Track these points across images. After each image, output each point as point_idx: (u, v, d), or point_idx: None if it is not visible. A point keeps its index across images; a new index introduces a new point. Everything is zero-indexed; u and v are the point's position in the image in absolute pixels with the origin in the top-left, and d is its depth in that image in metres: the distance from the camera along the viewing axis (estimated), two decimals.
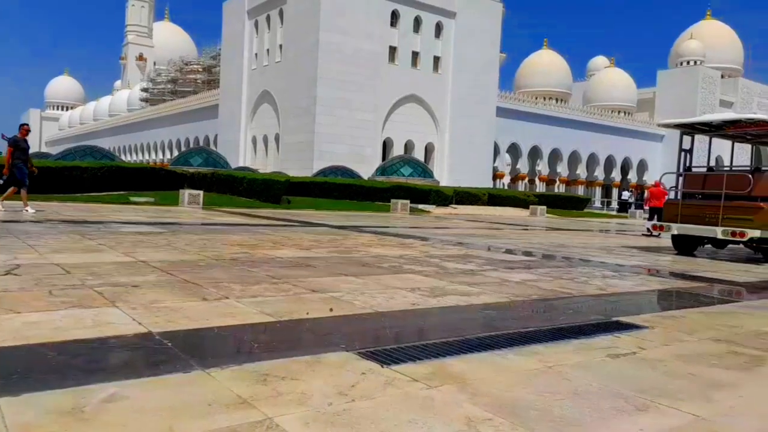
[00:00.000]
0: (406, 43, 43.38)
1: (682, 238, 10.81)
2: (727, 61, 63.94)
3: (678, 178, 11.22)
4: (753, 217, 9.57)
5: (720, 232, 9.77)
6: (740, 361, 3.33)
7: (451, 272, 6.36)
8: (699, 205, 10.43)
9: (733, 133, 11.41)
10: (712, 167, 11.67)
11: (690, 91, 57.40)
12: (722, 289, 6.69)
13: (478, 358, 3.10)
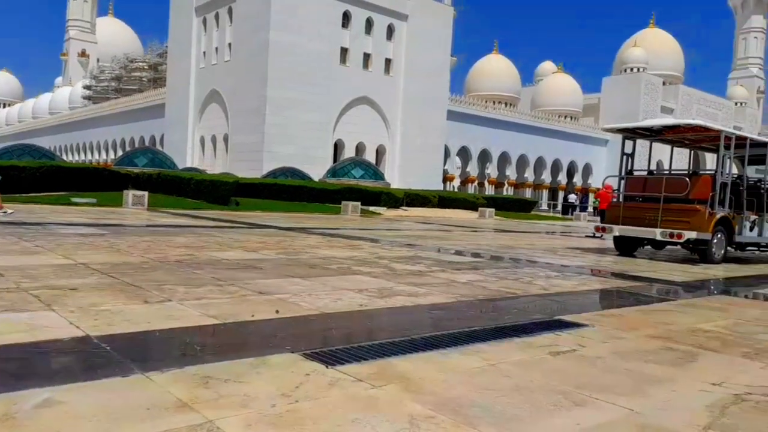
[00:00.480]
0: (358, 44, 43.37)
1: (623, 239, 11.07)
2: (669, 68, 66.57)
3: (620, 181, 11.48)
4: (690, 219, 9.90)
5: (659, 234, 10.04)
6: (674, 357, 3.48)
7: (400, 273, 6.40)
8: (639, 208, 10.70)
9: (672, 137, 11.91)
10: (652, 171, 12.03)
11: (633, 97, 59.40)
12: (660, 288, 6.96)
13: (423, 357, 3.13)
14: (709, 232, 9.86)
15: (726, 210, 10.18)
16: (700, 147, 12.91)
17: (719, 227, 10.10)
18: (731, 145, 10.53)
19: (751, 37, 78.14)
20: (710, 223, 9.87)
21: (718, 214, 9.98)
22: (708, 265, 9.94)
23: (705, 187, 10.13)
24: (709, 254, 10.08)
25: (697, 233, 9.76)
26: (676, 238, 9.87)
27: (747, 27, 78.57)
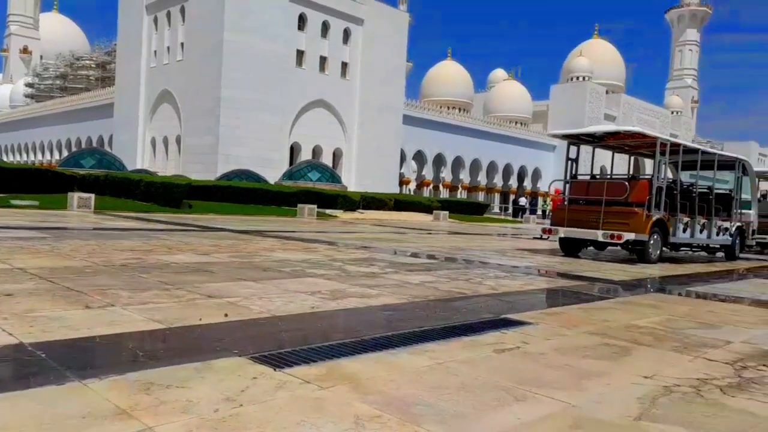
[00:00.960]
0: (314, 47, 43.19)
1: (568, 240, 11.44)
2: (612, 78, 69.03)
3: (565, 185, 11.87)
4: (628, 221, 10.31)
5: (600, 235, 10.45)
6: (610, 352, 3.62)
7: (353, 275, 6.42)
8: (583, 210, 11.07)
9: (613, 143, 12.42)
10: (595, 175, 12.45)
11: (579, 104, 61.35)
12: (600, 287, 7.20)
13: (372, 357, 3.16)
14: (646, 233, 10.28)
15: (661, 213, 10.62)
16: (638, 153, 13.48)
17: (655, 229, 10.53)
18: (666, 152, 11.01)
19: (687, 50, 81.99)
20: (647, 225, 10.28)
21: (654, 217, 10.40)
22: (645, 264, 10.34)
23: (642, 191, 10.54)
24: (646, 254, 10.50)
25: (635, 234, 10.18)
26: (616, 239, 10.28)
27: (683, 40, 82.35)
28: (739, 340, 4.17)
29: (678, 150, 11.53)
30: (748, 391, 2.92)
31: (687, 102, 78.57)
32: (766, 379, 3.16)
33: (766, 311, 5.79)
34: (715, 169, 12.42)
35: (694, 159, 11.94)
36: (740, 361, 3.54)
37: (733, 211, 12.82)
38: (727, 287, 7.98)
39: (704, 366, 3.38)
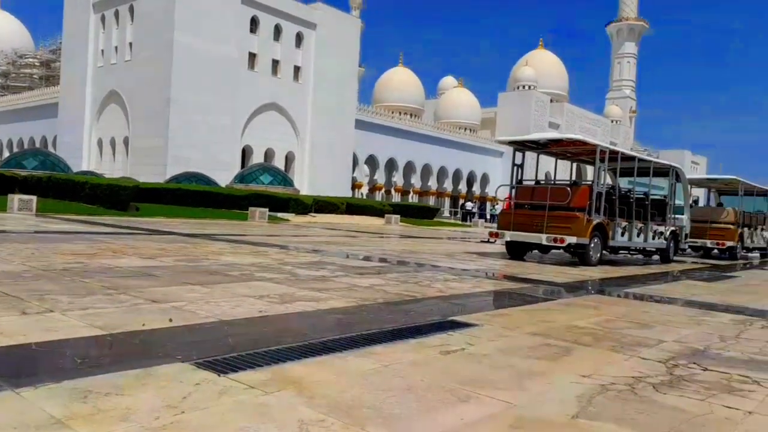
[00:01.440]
0: (267, 50, 42.81)
1: (513, 244, 11.67)
2: (556, 87, 71.34)
3: (511, 190, 12.13)
4: (570, 225, 10.65)
5: (544, 239, 10.73)
6: (552, 352, 3.73)
7: (303, 279, 6.39)
8: (528, 215, 11.32)
9: (556, 150, 12.85)
10: (539, 181, 12.86)
11: (525, 112, 63.15)
12: (543, 289, 7.39)
13: (319, 361, 3.16)
14: (587, 237, 10.62)
15: (601, 217, 11.01)
16: (580, 160, 14.03)
17: (596, 233, 10.89)
18: (606, 159, 11.45)
19: (625, 62, 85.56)
20: (588, 229, 10.63)
21: (594, 221, 10.77)
22: (586, 267, 10.67)
23: (583, 197, 10.92)
24: (587, 257, 10.84)
25: (577, 238, 10.50)
26: (559, 243, 10.60)
27: (621, 52, 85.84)
28: (671, 339, 4.37)
29: (617, 157, 12.01)
30: (678, 388, 3.06)
31: (626, 111, 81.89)
32: (695, 377, 3.32)
33: (696, 311, 6.08)
34: (651, 176, 13.03)
35: (632, 166, 12.47)
36: (672, 359, 3.71)
37: (667, 216, 13.43)
38: (662, 289, 8.31)
39: (638, 364, 3.52)
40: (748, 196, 18.26)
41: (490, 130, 65.42)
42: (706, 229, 16.40)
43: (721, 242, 16.33)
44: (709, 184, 20.66)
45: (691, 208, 15.78)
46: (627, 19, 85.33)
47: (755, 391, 3.10)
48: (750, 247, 18.05)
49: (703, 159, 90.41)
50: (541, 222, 10.87)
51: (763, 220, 19.19)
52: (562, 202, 10.88)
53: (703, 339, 4.45)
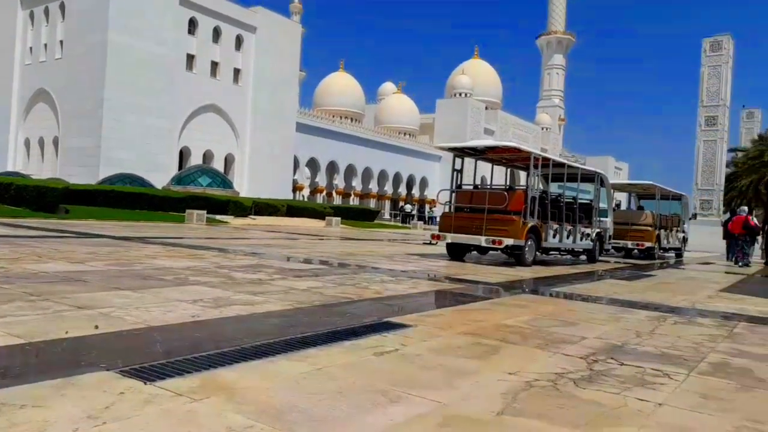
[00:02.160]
0: (205, 52, 41.98)
1: (454, 245, 12.06)
2: (490, 95, 73.61)
3: (451, 194, 12.53)
4: (507, 228, 11.14)
5: (483, 241, 11.21)
6: (481, 351, 3.83)
7: (239, 282, 6.30)
8: (468, 218, 11.78)
9: (492, 156, 13.49)
10: (477, 185, 13.35)
11: (462, 118, 64.87)
12: (478, 289, 7.59)
13: (251, 366, 3.13)
14: (522, 239, 11.15)
15: (535, 220, 11.58)
16: (514, 165, 14.75)
17: (531, 235, 11.45)
18: (539, 165, 12.14)
19: (554, 73, 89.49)
20: (524, 231, 11.17)
21: (529, 224, 11.33)
22: (521, 267, 11.14)
23: (519, 201, 11.46)
24: (522, 258, 11.36)
25: (514, 240, 11.02)
26: (497, 245, 11.07)
27: (551, 64, 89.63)
28: (593, 335, 4.58)
29: (548, 164, 12.76)
30: (596, 383, 3.22)
31: (555, 119, 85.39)
32: (612, 371, 3.50)
33: (617, 309, 6.40)
34: (579, 181, 13.89)
35: (561, 172, 13.30)
36: (592, 355, 3.89)
37: (593, 218, 14.25)
38: (587, 287, 8.69)
39: (561, 361, 3.68)
40: (664, 200, 19.60)
41: (428, 135, 66.63)
42: (627, 231, 17.41)
43: (640, 243, 17.36)
44: (629, 188, 21.94)
45: (614, 211, 16.73)
46: (556, 32, 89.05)
47: (666, 383, 3.30)
48: (666, 247, 19.25)
49: (625, 165, 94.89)
50: (481, 225, 11.29)
51: (677, 222, 20.52)
52: (499, 206, 11.35)
53: (622, 335, 4.68)
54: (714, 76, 36.89)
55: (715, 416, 2.81)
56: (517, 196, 11.54)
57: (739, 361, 4.02)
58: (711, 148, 37.59)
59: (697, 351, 4.25)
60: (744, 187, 48.23)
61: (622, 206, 21.80)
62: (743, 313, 6.66)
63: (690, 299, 7.79)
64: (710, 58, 36.97)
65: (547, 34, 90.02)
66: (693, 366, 3.78)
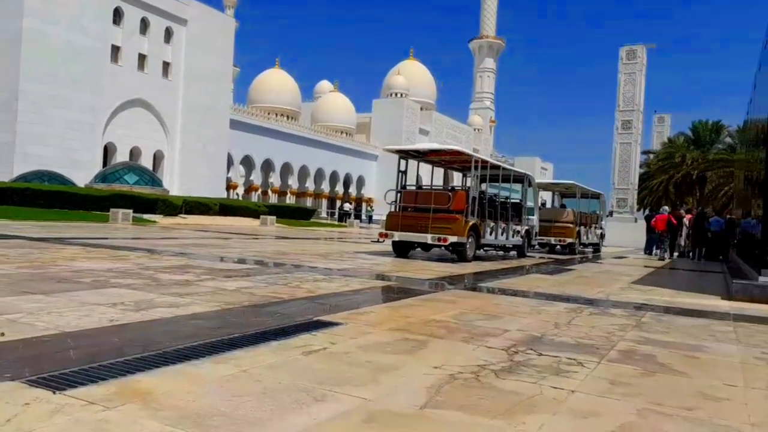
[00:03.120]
0: (132, 44, 40.21)
1: (399, 243, 12.56)
2: (425, 96, 74.48)
3: (397, 194, 13.07)
4: (451, 226, 11.73)
5: (429, 239, 11.80)
6: (409, 346, 3.89)
7: (165, 284, 6.11)
8: (413, 217, 12.30)
9: (434, 159, 14.29)
10: (421, 186, 14.30)
11: (398, 118, 65.37)
12: (412, 285, 7.67)
13: (171, 370, 3.04)
14: (465, 236, 11.80)
15: (476, 218, 12.27)
16: (452, 167, 15.62)
17: (471, 232, 12.11)
18: (479, 167, 12.91)
19: (486, 76, 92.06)
20: (466, 229, 11.81)
21: (471, 222, 11.99)
22: (461, 263, 11.67)
23: (461, 201, 12.12)
24: (464, 254, 12.00)
25: (457, 237, 11.64)
26: (442, 242, 11.68)
27: (482, 67, 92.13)
28: (515, 328, 4.74)
29: (486, 166, 13.61)
30: (516, 373, 3.34)
31: (486, 121, 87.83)
32: (531, 361, 3.64)
33: (539, 302, 6.67)
34: (511, 182, 15.08)
35: (496, 173, 14.28)
36: (513, 346, 4.03)
37: (522, 216, 15.19)
38: (513, 282, 9.01)
39: (484, 353, 3.79)
40: (584, 198, 20.96)
41: (365, 134, 66.78)
42: (551, 227, 18.34)
43: (562, 239, 18.29)
44: (553, 187, 23.12)
45: (540, 210, 17.68)
46: (487, 36, 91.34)
47: (578, 371, 3.47)
48: (586, 243, 20.40)
49: (550, 165, 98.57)
50: (426, 223, 11.87)
51: (596, 219, 21.79)
52: (443, 206, 11.98)
53: (541, 327, 4.88)
54: (629, 82, 39.06)
55: (621, 401, 2.98)
56: (459, 197, 12.18)
57: (645, 348, 4.27)
58: (626, 150, 39.78)
59: (608, 340, 4.49)
60: (655, 186, 51.41)
61: (547, 205, 22.79)
62: (651, 303, 7.08)
63: (605, 291, 8.20)
64: (626, 66, 39.13)
65: (479, 38, 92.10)
66: (604, 354, 3.99)
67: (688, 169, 49.25)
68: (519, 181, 15.62)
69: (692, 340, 4.75)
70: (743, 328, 5.50)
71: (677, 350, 4.28)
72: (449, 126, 74.24)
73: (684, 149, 52.43)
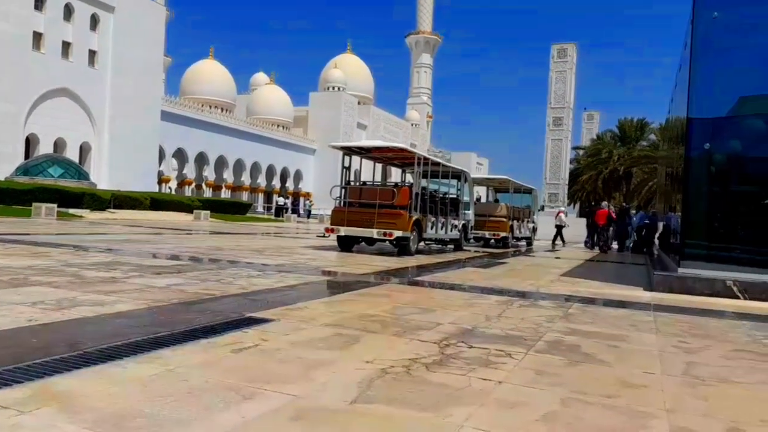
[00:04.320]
0: (56, 30, 38.11)
1: (344, 238, 12.75)
2: (363, 90, 74.42)
3: (341, 190, 13.17)
4: (396, 221, 12.05)
5: (375, 233, 12.09)
6: (342, 341, 3.89)
7: (90, 281, 5.86)
8: (359, 212, 12.48)
9: (376, 155, 14.57)
10: (365, 182, 14.42)
11: (335, 112, 64.93)
12: (348, 279, 7.69)
13: (94, 371, 2.93)
14: (409, 231, 12.16)
15: (418, 214, 12.63)
16: (391, 163, 15.94)
17: (415, 227, 12.48)
18: (420, 164, 13.19)
19: (422, 71, 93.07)
20: (410, 224, 12.18)
21: (414, 217, 12.35)
22: (405, 257, 12.03)
23: (405, 196, 12.42)
24: (408, 248, 12.35)
25: (402, 232, 11.99)
26: (388, 236, 11.99)
27: (419, 62, 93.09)
28: (447, 321, 4.83)
29: (428, 162, 13.94)
30: (446, 366, 3.40)
31: (423, 116, 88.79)
32: (461, 354, 3.71)
33: (472, 295, 6.82)
34: (450, 178, 15.48)
35: (436, 170, 14.59)
36: (445, 339, 4.10)
37: (460, 211, 15.71)
38: (449, 275, 9.15)
39: (416, 347, 3.83)
40: (517, 193, 21.67)
41: (302, 128, 66.02)
42: (486, 222, 18.82)
43: (497, 233, 18.79)
44: (487, 182, 23.72)
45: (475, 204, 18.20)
46: (424, 32, 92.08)
47: (507, 363, 3.57)
48: (519, 236, 21.04)
49: (485, 161, 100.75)
50: (371, 218, 12.11)
51: (528, 213, 22.55)
52: (388, 201, 12.23)
53: (473, 319, 4.99)
54: (560, 80, 40.49)
55: (546, 390, 3.08)
56: (403, 193, 12.49)
57: (571, 339, 4.45)
58: (558, 146, 41.26)
59: (537, 331, 4.64)
60: (585, 181, 53.65)
61: (483, 200, 23.37)
62: (577, 294, 7.36)
63: (535, 284, 8.46)
64: (557, 64, 40.55)
65: (416, 33, 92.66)
66: (531, 345, 4.12)
67: (615, 165, 51.61)
68: (456, 178, 16.16)
69: (615, 330, 4.98)
70: (662, 317, 5.81)
71: (601, 340, 4.47)
72: (387, 121, 74.57)
73: (611, 146, 54.89)
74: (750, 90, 8.50)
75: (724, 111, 8.56)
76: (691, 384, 3.38)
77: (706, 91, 8.32)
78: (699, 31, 8.23)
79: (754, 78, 8.28)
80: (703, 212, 8.65)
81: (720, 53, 8.28)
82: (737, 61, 8.31)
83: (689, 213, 8.71)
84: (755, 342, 4.80)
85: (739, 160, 8.70)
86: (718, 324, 5.64)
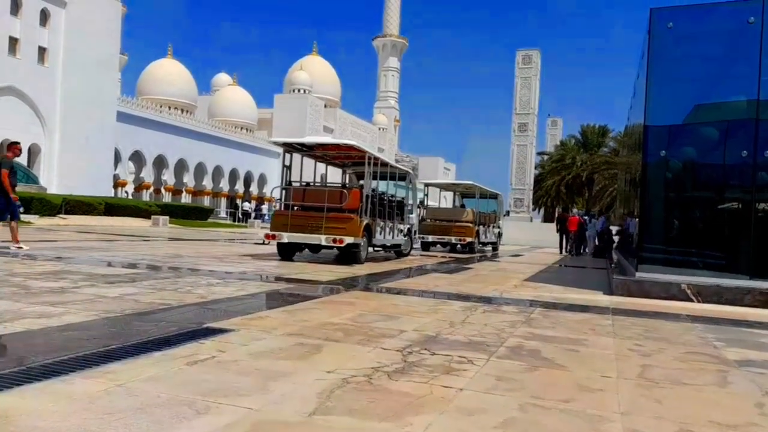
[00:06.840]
0: (2, 26, 36.72)
1: (285, 245, 11.65)
2: (329, 93, 74.03)
3: (282, 191, 12.22)
4: (346, 226, 11.10)
5: (324, 240, 10.99)
6: (303, 351, 3.79)
7: (35, 292, 5.59)
8: (303, 216, 11.49)
9: (319, 153, 13.45)
10: (309, 183, 13.13)
11: (301, 115, 64.22)
12: (306, 288, 7.52)
13: (34, 388, 2.76)
14: (360, 236, 11.24)
15: (369, 218, 11.80)
16: (333, 163, 14.75)
17: (365, 232, 11.59)
18: (371, 164, 12.25)
19: (390, 75, 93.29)
20: (360, 229, 11.26)
21: (364, 222, 11.47)
22: (355, 264, 11.24)
23: (355, 199, 11.52)
24: (358, 256, 11.46)
25: (353, 238, 11.03)
26: (338, 243, 10.95)
27: (387, 66, 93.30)
28: (411, 328, 4.78)
29: (377, 163, 12.97)
30: (408, 374, 3.34)
31: (390, 120, 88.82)
32: (424, 361, 3.67)
33: (436, 301, 6.80)
34: (396, 180, 14.71)
35: (384, 171, 13.63)
36: (408, 347, 4.04)
37: (405, 215, 14.99)
38: (412, 282, 9.10)
39: (379, 355, 3.77)
40: (483, 198, 21.62)
41: (267, 130, 65.01)
42: (452, 227, 18.74)
43: (462, 239, 18.77)
44: (453, 188, 23.77)
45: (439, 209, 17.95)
46: (391, 35, 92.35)
47: (468, 369, 3.54)
48: (485, 241, 21.15)
49: (453, 165, 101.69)
50: (318, 223, 11.09)
51: (494, 218, 22.72)
52: (337, 204, 11.34)
53: (437, 326, 4.95)
54: (525, 86, 41.15)
55: (506, 396, 3.07)
56: (354, 195, 11.59)
57: (531, 344, 4.46)
58: (523, 151, 41.87)
59: (499, 337, 4.64)
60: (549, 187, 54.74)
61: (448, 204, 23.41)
62: (540, 299, 7.43)
63: (499, 289, 8.51)
64: (522, 70, 41.18)
65: (383, 36, 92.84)
66: (493, 351, 4.11)
67: (578, 171, 52.82)
68: (402, 179, 15.38)
69: (574, 334, 5.02)
70: (620, 321, 5.90)
71: (560, 344, 4.49)
72: (354, 124, 74.32)
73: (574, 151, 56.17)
74: (705, 98, 8.77)
75: (680, 119, 8.80)
76: (645, 386, 3.43)
77: (663, 100, 8.54)
78: (655, 42, 8.45)
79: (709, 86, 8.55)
80: (659, 217, 8.87)
81: (675, 63, 8.52)
82: (692, 71, 8.57)
83: (646, 218, 8.91)
84: (707, 344, 4.91)
85: (693, 166, 8.95)
86: (673, 327, 5.76)
